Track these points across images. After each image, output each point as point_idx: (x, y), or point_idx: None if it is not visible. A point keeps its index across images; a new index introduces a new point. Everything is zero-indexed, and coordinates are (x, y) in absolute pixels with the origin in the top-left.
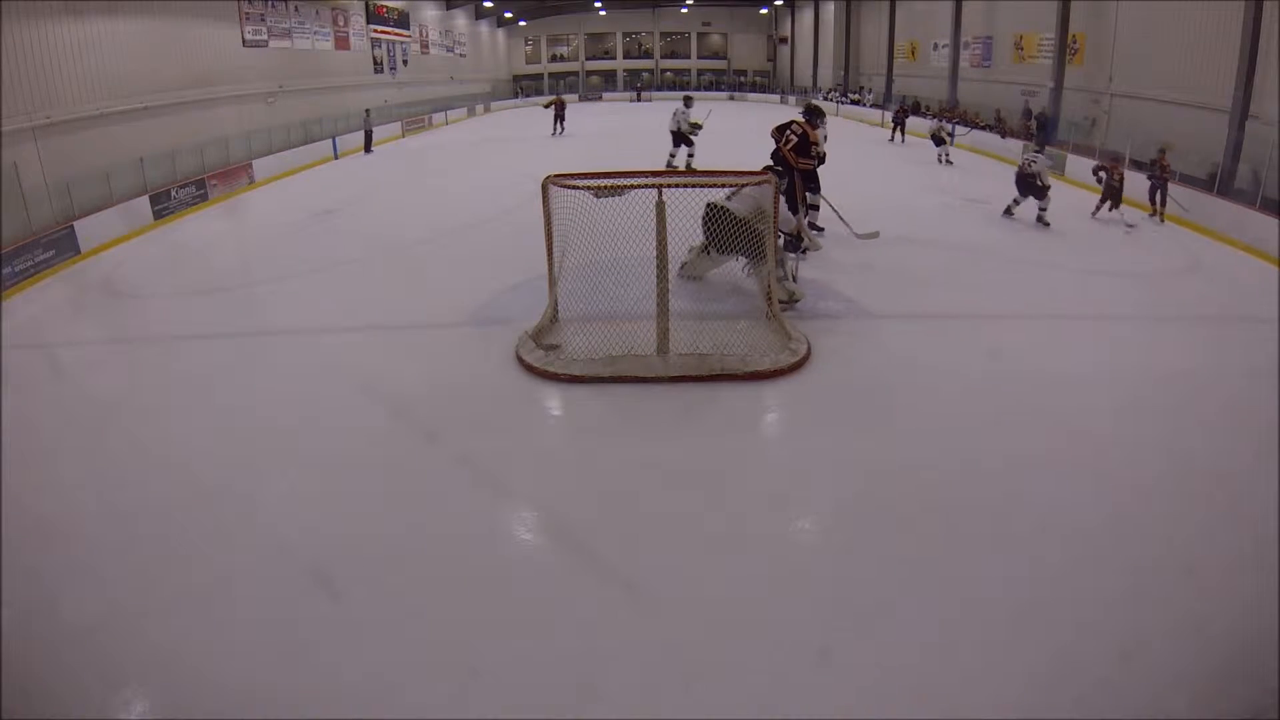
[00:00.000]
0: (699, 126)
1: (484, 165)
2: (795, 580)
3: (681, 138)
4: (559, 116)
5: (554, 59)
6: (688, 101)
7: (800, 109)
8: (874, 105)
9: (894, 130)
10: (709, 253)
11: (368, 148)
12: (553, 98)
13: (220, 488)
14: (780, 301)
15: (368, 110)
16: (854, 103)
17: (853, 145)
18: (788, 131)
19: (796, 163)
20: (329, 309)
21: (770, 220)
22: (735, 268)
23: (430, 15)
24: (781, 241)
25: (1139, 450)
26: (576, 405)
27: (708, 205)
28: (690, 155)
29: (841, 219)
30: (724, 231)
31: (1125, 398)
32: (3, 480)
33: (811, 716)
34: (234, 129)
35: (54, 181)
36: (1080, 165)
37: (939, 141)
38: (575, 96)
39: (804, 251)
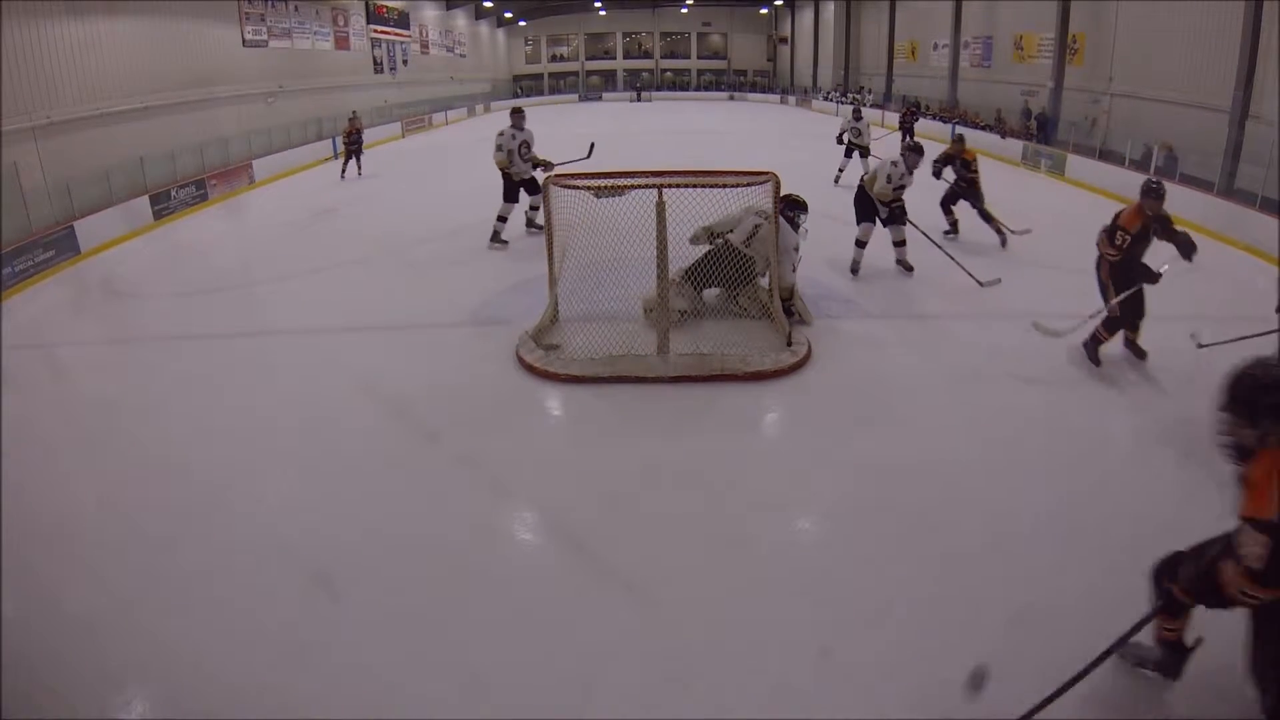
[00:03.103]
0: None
1: (484, 165)
2: (795, 580)
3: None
4: (352, 151)
5: (554, 59)
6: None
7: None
8: (874, 105)
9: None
10: (699, 292)
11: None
12: (349, 123)
13: (220, 487)
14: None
15: (354, 111)
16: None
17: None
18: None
19: (1104, 250)
20: (329, 309)
21: (774, 254)
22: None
23: (430, 15)
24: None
25: (1139, 450)
26: (576, 405)
27: (725, 243)
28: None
29: (960, 265)
30: (725, 269)
31: (1125, 398)
32: (3, 480)
33: (811, 716)
34: (234, 129)
35: (54, 181)
36: (1081, 166)
37: (856, 150)
38: (576, 97)
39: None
